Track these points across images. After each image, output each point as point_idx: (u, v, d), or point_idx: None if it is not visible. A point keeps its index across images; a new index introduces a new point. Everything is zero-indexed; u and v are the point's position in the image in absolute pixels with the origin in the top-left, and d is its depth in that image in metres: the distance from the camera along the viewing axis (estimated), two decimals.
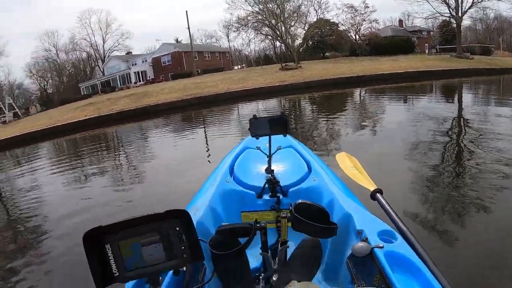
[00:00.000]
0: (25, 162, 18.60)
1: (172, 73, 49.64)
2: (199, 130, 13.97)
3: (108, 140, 18.29)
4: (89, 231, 1.22)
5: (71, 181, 10.12)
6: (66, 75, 66.01)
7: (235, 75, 30.23)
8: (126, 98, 27.11)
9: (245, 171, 2.81)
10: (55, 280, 4.81)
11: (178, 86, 27.92)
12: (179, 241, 1.27)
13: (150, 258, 1.26)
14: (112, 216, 6.26)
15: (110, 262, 1.25)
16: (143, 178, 8.46)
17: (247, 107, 18.53)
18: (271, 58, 48.16)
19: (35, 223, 7.29)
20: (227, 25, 47.59)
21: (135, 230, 1.25)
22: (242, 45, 77.88)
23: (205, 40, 71.55)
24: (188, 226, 1.27)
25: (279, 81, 22.46)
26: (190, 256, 1.28)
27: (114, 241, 1.25)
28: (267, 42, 43.56)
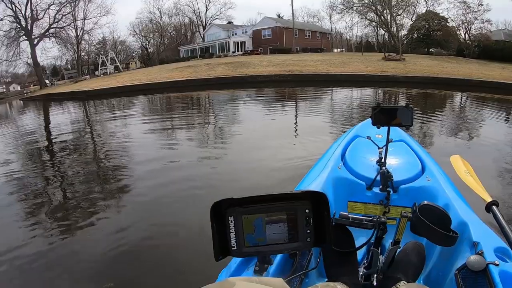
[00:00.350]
0: (119, 110, 19.67)
1: (270, 47, 49.82)
2: (290, 108, 13.80)
3: (201, 103, 18.75)
4: (220, 201, 1.20)
5: (158, 133, 10.75)
6: (167, 37, 68.26)
7: (335, 58, 29.61)
8: (224, 65, 27.50)
9: (356, 160, 2.68)
10: (126, 216, 5.07)
11: (276, 60, 27.93)
12: (305, 224, 1.22)
13: (272, 236, 1.23)
14: (191, 170, 6.66)
15: (230, 235, 1.22)
16: (226, 145, 8.54)
17: (343, 92, 18.03)
18: (372, 46, 46.62)
19: (118, 162, 7.89)
20: (332, 5, 46.71)
21: (264, 206, 1.22)
22: (344, 28, 75.96)
23: (307, 18, 70.90)
24: (321, 210, 1.21)
25: (381, 71, 21.56)
26: (313, 241, 1.23)
27: (238, 214, 1.22)
28: (370, 29, 41.97)
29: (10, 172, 8.18)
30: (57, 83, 55.83)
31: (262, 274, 1.55)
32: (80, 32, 55.11)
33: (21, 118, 24.92)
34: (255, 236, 1.22)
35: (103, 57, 52.99)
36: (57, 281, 3.68)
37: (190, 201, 5.32)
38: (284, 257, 1.69)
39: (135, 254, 4.00)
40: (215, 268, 2.93)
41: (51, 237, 4.71)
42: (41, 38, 52.24)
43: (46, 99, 34.01)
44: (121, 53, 68.51)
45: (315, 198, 1.21)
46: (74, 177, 7.39)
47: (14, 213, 5.71)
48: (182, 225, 4.60)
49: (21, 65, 56.37)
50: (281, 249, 1.25)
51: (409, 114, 2.27)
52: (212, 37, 59.67)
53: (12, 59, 52.27)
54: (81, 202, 5.93)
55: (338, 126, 9.36)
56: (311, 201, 1.21)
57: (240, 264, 1.67)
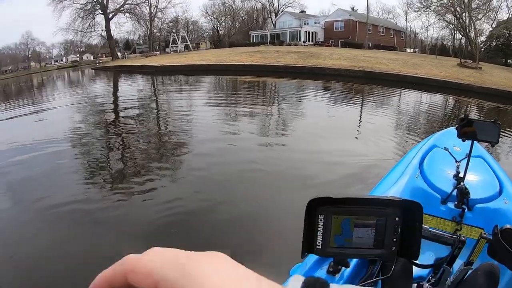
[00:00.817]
0: (186, 87, 20.13)
1: (342, 40, 49.09)
2: (356, 105, 13.54)
3: (266, 89, 18.85)
4: (316, 198, 1.18)
5: (221, 114, 10.98)
6: (238, 20, 68.89)
7: (408, 58, 28.68)
8: (294, 54, 27.43)
9: (433, 171, 2.59)
10: (180, 188, 5.29)
11: (348, 54, 27.53)
12: (393, 232, 1.20)
13: (357, 240, 1.22)
14: (249, 153, 6.85)
15: (318, 233, 1.22)
16: (287, 132, 8.65)
17: (412, 95, 17.39)
18: (447, 50, 44.80)
19: (179, 137, 8.28)
20: (408, 2, 45.24)
21: (356, 208, 1.21)
22: (420, 28, 73.18)
23: (382, 14, 68.84)
24: (412, 220, 1.19)
25: (456, 78, 20.41)
26: (398, 251, 1.21)
27: (329, 213, 1.21)
28: (447, 31, 40.28)
29: (76, 134, 8.90)
30: (128, 56, 57.93)
31: (335, 275, 1.58)
32: (154, 10, 56.91)
33: (92, 85, 26.14)
34: (341, 238, 1.21)
35: (174, 35, 54.46)
36: (103, 237, 4.00)
37: (247, 182, 5.44)
38: (360, 261, 1.69)
39: (182, 226, 4.20)
40: (260, 256, 3.36)
41: (105, 197, 5.10)
42: (115, 13, 54.78)
43: (117, 70, 35.55)
44: (192, 32, 69.94)
45: (408, 207, 1.19)
46: (135, 145, 7.88)
47: (75, 171, 6.18)
48: (235, 204, 4.72)
49: (95, 37, 59.30)
50: (364, 254, 1.24)
51: (496, 130, 2.15)
52: (284, 25, 59.53)
53: (87, 30, 55.30)
54: (138, 169, 6.29)
55: (401, 130, 9.16)
56: (402, 210, 1.20)
57: (315, 262, 1.67)
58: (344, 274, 1.60)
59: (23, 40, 68.52)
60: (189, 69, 27.43)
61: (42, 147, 7.60)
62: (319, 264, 1.66)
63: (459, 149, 2.71)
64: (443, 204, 2.30)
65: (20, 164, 6.68)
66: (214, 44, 64.52)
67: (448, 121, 10.49)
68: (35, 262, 3.51)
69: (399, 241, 1.19)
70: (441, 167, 2.65)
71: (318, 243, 1.21)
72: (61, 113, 13.31)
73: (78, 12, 53.50)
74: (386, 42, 52.09)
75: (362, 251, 1.22)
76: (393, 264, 1.58)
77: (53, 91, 25.19)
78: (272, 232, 3.95)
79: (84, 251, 3.64)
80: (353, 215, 1.20)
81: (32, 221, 4.51)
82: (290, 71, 22.90)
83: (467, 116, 2.17)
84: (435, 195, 2.34)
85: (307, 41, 53.18)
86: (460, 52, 33.06)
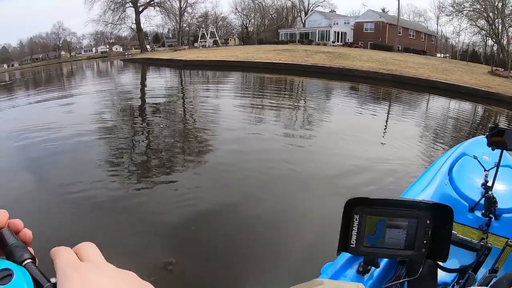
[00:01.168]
0: (213, 82, 20.34)
1: (372, 42, 48.64)
2: (382, 108, 13.41)
3: (293, 88, 18.83)
4: (354, 198, 1.27)
5: (247, 111, 11.07)
6: (268, 18, 68.81)
7: (438, 63, 28.17)
8: (322, 54, 27.32)
9: (462, 179, 2.56)
10: (205, 182, 5.34)
11: (377, 57, 27.25)
12: (423, 234, 1.26)
13: (389, 240, 1.29)
14: (272, 151, 6.91)
15: (352, 232, 1.30)
16: (311, 132, 8.58)
17: (440, 101, 16.98)
18: (478, 56, 43.86)
19: (204, 132, 8.31)
20: (440, 6, 44.50)
21: (390, 210, 1.28)
22: (451, 33, 71.84)
23: (413, 17, 67.87)
24: (443, 224, 1.24)
25: (486, 86, 19.80)
26: (427, 253, 1.27)
27: (364, 214, 1.29)
28: (479, 37, 39.46)
29: (103, 122, 9.24)
30: (157, 49, 58.41)
31: (365, 275, 1.59)
32: (184, 4, 57.26)
33: (120, 76, 26.54)
34: (374, 237, 1.29)
35: (203, 30, 54.93)
36: (121, 224, 4.11)
37: (272, 180, 5.47)
38: (389, 262, 1.71)
39: (202, 220, 4.21)
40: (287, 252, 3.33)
41: (127, 185, 5.22)
42: (146, 6, 55.38)
43: (145, 62, 35.99)
44: (221, 28, 70.23)
45: (440, 211, 1.25)
46: (160, 136, 8.07)
47: (99, 158, 6.35)
48: (259, 202, 4.72)
49: (125, 29, 60.28)
50: (395, 254, 1.32)
51: None
52: (313, 24, 59.17)
53: (117, 23, 56.33)
54: (162, 159, 6.49)
55: (428, 136, 9.04)
56: (434, 213, 1.26)
57: (345, 262, 1.68)
58: (373, 275, 1.62)
59: (54, 30, 69.91)
60: (216, 64, 27.62)
61: (69, 133, 7.94)
62: (350, 264, 1.67)
63: (488, 158, 2.70)
64: (471, 212, 2.28)
65: (46, 149, 6.90)
66: (243, 41, 64.86)
67: (476, 130, 10.32)
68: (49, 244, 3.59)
69: (429, 243, 1.26)
70: (469, 175, 2.63)
71: (352, 242, 1.29)
72: (87, 100, 13.78)
73: (109, 4, 54.53)
74: (416, 45, 51.11)
75: (393, 251, 1.29)
76: (421, 266, 1.59)
77: (81, 80, 25.96)
78: (300, 231, 3.95)
79: (100, 236, 3.73)
80: (386, 216, 1.27)
81: (55, 204, 4.64)
82: (318, 71, 22.78)
83: (497, 125, 2.15)
84: (463, 202, 2.33)
85: (336, 41, 52.84)
86: (492, 59, 32.28)
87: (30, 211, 4.26)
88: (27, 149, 7.03)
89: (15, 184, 5.30)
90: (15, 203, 4.50)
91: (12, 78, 35.15)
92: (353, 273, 1.62)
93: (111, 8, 54.64)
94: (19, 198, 4.78)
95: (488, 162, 2.51)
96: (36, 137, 7.74)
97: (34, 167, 6.05)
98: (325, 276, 1.65)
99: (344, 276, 1.62)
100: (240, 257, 3.54)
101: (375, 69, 22.17)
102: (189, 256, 3.55)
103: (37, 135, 7.84)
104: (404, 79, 20.72)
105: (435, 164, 3.07)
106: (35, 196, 4.91)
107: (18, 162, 6.35)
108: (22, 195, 4.88)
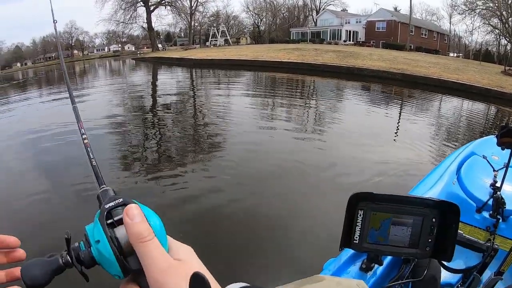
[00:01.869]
0: (222, 81, 20.61)
1: (383, 41, 48.30)
2: (392, 108, 13.25)
3: (304, 87, 18.85)
4: (358, 193, 1.25)
5: (258, 109, 11.07)
6: (279, 17, 68.79)
7: (450, 63, 27.69)
8: (332, 53, 27.18)
9: (470, 179, 2.52)
10: (210, 177, 5.44)
11: (388, 56, 27.04)
12: (428, 233, 1.24)
13: (393, 238, 1.26)
14: (283, 147, 7.10)
15: (356, 228, 1.27)
16: (323, 136, 8.35)
17: (452, 102, 16.68)
18: (492, 56, 43.35)
19: (214, 131, 8.31)
20: (453, 4, 44.04)
21: (395, 206, 1.25)
22: (464, 32, 71.10)
23: (425, 16, 67.23)
24: (449, 222, 1.21)
25: (498, 86, 19.32)
26: (432, 251, 1.24)
27: (369, 210, 1.26)
28: (492, 36, 38.96)
29: (114, 119, 9.37)
30: (169, 48, 58.73)
31: (368, 272, 1.58)
32: (194, 3, 57.47)
33: (132, 75, 26.80)
34: (378, 234, 1.27)
35: (214, 29, 55.17)
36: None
37: (281, 177, 5.51)
38: (393, 260, 1.69)
39: (212, 213, 4.30)
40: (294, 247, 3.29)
41: (137, 182, 5.34)
42: (157, 5, 55.98)
43: (156, 61, 36.23)
44: (233, 27, 70.61)
45: (446, 209, 1.23)
46: (170, 132, 8.26)
47: (110, 156, 6.38)
48: (268, 199, 4.78)
49: (136, 28, 60.87)
50: (399, 252, 1.30)
51: None
52: (325, 23, 58.84)
53: (128, 22, 56.93)
54: (173, 156, 6.65)
55: (437, 136, 8.99)
56: (440, 211, 1.23)
57: (348, 258, 1.67)
58: (376, 272, 1.61)
59: (67, 29, 70.71)
60: (226, 63, 27.86)
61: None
62: (353, 261, 1.67)
63: (497, 158, 2.65)
64: (478, 212, 2.24)
65: (59, 146, 7.14)
66: (254, 40, 64.89)
67: (487, 130, 10.15)
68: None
69: (434, 242, 1.24)
70: (478, 175, 2.58)
71: (355, 238, 1.28)
72: (97, 97, 14.14)
73: (120, 3, 55.08)
74: (429, 44, 50.56)
75: (397, 249, 1.28)
76: (426, 268, 1.57)
77: (93, 78, 26.70)
78: (306, 228, 3.98)
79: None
80: (391, 213, 1.26)
81: (64, 201, 4.73)
82: (328, 70, 22.69)
83: (507, 125, 2.08)
84: (470, 202, 2.29)
85: (348, 40, 52.60)
86: (505, 59, 31.69)
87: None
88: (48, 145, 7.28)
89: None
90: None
91: (25, 76, 36.28)
92: (356, 270, 1.62)
93: (122, 7, 55.40)
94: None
95: (497, 162, 2.47)
96: (47, 131, 8.09)
97: (45, 163, 6.22)
98: (327, 272, 1.65)
99: (347, 272, 1.62)
100: (255, 249, 3.67)
101: (385, 69, 21.95)
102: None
103: (49, 130, 8.19)
104: (415, 78, 20.45)
105: (444, 163, 3.06)
106: (45, 197, 4.96)
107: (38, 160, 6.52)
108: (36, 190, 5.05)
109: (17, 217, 4.36)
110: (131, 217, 0.50)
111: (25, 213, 4.45)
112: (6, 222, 4.14)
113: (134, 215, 0.50)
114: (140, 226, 0.49)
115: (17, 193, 5.10)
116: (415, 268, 1.60)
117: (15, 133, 8.43)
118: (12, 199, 4.85)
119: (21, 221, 4.22)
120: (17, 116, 11.21)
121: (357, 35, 54.73)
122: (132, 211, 0.50)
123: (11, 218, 4.29)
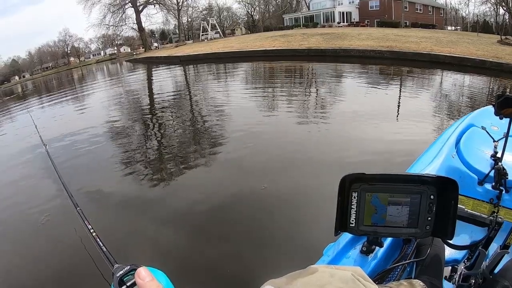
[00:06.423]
0: (219, 74, 21.45)
1: (378, 19, 47.89)
2: (382, 87, 12.70)
3: (276, 74, 18.73)
4: (350, 174, 1.22)
5: (257, 101, 11.38)
6: (272, 4, 68.59)
7: (444, 36, 26.45)
8: (319, 36, 27.05)
9: (470, 151, 2.52)
10: (212, 173, 5.58)
11: (377, 34, 26.35)
12: (427, 211, 1.21)
13: (391, 218, 1.24)
14: (284, 134, 7.26)
15: (351, 211, 1.26)
16: (325, 120, 8.40)
17: (446, 77, 15.82)
18: (490, 27, 42.35)
19: (214, 127, 8.36)
20: None
21: (390, 186, 1.23)
22: (459, 4, 70.14)
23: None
24: (448, 199, 1.19)
25: (494, 56, 17.98)
26: (432, 230, 1.22)
27: (363, 191, 1.23)
28: (488, 6, 37.82)
29: (112, 121, 9.93)
30: (164, 46, 59.74)
31: (369, 255, 1.53)
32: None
33: (123, 77, 27.94)
34: (375, 216, 1.25)
35: (204, 23, 55.84)
36: (136, 222, 4.29)
37: (283, 165, 5.54)
38: (394, 241, 1.65)
39: (217, 210, 4.34)
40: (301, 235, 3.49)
41: (140, 182, 5.48)
42: (145, 5, 57.20)
43: (146, 62, 37.34)
44: (226, 19, 70.66)
45: (444, 184, 1.20)
46: (170, 132, 8.59)
47: (112, 157, 6.70)
48: (271, 187, 4.80)
49: (127, 30, 61.94)
50: (398, 232, 1.27)
51: None
52: (317, 6, 58.37)
53: (118, 24, 58.73)
54: (175, 155, 6.76)
55: (429, 113, 8.64)
56: (438, 187, 1.21)
57: (348, 242, 1.61)
58: (377, 255, 1.56)
59: (61, 37, 72.16)
60: (211, 57, 28.18)
61: (83, 135, 8.61)
62: (353, 244, 1.61)
63: (497, 128, 2.70)
64: (480, 185, 2.23)
65: (63, 150, 7.56)
66: (250, 30, 65.01)
67: (483, 103, 9.59)
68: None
69: (434, 220, 1.23)
70: (478, 146, 2.61)
71: (351, 221, 1.27)
72: (93, 103, 15.28)
73: (108, 7, 56.37)
74: (424, 20, 49.73)
75: (395, 229, 1.25)
76: (429, 247, 1.51)
77: (82, 86, 26.72)
78: (308, 213, 4.07)
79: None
80: (386, 192, 1.23)
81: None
82: (313, 54, 22.27)
83: (504, 93, 2.01)
84: (471, 175, 2.28)
85: (342, 22, 52.10)
86: (502, 28, 30.21)
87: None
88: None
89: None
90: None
91: (24, 89, 38.19)
92: (356, 253, 1.56)
93: (111, 10, 56.62)
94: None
95: (497, 132, 2.50)
96: (55, 135, 8.65)
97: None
98: (326, 257, 1.59)
99: (347, 257, 1.56)
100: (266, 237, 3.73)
101: (373, 47, 21.13)
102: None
103: (57, 134, 8.77)
104: (404, 55, 19.51)
105: (442, 137, 3.02)
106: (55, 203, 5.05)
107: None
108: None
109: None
110: (142, 277, 0.61)
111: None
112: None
113: (144, 276, 0.61)
114: (151, 284, 0.60)
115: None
116: (417, 247, 1.57)
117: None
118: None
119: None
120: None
121: (351, 16, 54.08)
122: (142, 273, 0.61)
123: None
